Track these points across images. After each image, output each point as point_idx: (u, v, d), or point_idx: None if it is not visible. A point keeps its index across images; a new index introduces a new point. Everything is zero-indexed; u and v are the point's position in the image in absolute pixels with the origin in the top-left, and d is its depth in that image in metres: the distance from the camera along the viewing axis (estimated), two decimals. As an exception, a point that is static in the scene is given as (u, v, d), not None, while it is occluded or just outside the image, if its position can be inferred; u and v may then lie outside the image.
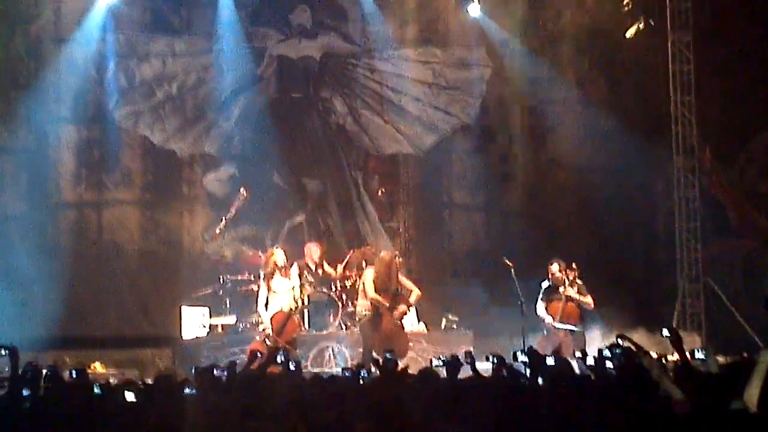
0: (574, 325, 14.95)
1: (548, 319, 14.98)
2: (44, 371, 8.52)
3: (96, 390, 8.12)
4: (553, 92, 20.27)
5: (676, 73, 19.54)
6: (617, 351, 8.47)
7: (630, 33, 19.90)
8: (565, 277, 15.03)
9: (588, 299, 15.03)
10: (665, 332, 8.62)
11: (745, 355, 9.46)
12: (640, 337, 12.18)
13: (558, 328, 14.90)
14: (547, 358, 9.27)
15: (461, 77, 20.27)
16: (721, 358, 13.36)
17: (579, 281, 15.07)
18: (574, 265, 15.07)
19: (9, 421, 7.39)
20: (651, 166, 20.01)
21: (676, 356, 8.43)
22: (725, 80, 19.79)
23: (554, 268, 15.09)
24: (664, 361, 8.27)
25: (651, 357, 8.20)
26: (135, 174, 19.30)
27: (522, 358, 9.30)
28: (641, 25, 19.86)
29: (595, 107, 20.26)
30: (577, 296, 14.95)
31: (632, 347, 8.55)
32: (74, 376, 8.58)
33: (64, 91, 18.81)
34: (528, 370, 9.07)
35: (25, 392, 7.81)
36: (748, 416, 6.13)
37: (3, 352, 7.98)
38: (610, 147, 19.97)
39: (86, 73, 18.93)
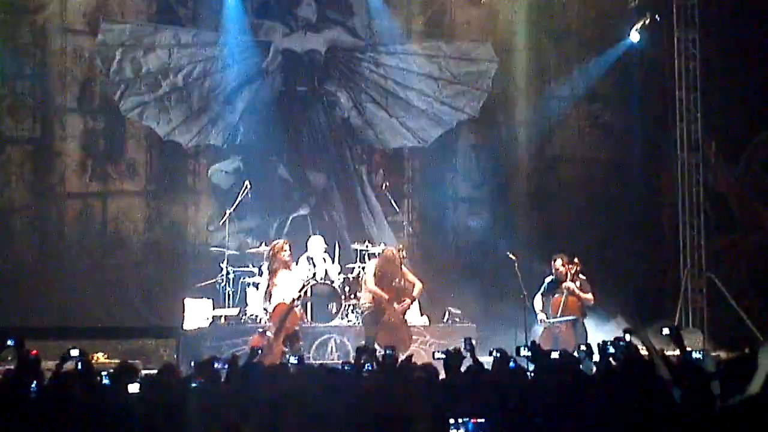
0: (571, 316, 15.02)
1: (541, 316, 15.12)
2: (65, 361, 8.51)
3: (105, 380, 8.14)
4: (559, 87, 20.26)
5: (681, 69, 19.56)
6: (621, 344, 8.47)
7: (636, 28, 19.87)
8: (567, 271, 15.12)
9: (589, 295, 15.16)
10: (666, 331, 8.62)
11: (747, 350, 9.47)
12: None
13: (552, 323, 15.01)
14: (552, 352, 9.29)
15: (467, 71, 20.21)
16: (722, 354, 13.47)
17: (582, 276, 15.19)
18: (576, 260, 15.17)
19: (14, 409, 7.40)
20: (655, 161, 20.03)
21: (676, 352, 8.44)
22: (730, 77, 19.81)
23: (557, 263, 15.24)
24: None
25: (645, 335, 8.16)
26: (140, 165, 19.31)
27: (525, 353, 9.32)
28: (647, 21, 19.84)
29: (600, 102, 20.27)
30: (578, 291, 15.05)
31: (638, 342, 8.52)
32: (79, 366, 8.58)
33: (70, 82, 18.85)
34: (531, 365, 9.09)
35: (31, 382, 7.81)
36: (749, 411, 6.13)
37: (9, 342, 8.00)
38: (615, 142, 20.01)
39: (92, 64, 18.96)
